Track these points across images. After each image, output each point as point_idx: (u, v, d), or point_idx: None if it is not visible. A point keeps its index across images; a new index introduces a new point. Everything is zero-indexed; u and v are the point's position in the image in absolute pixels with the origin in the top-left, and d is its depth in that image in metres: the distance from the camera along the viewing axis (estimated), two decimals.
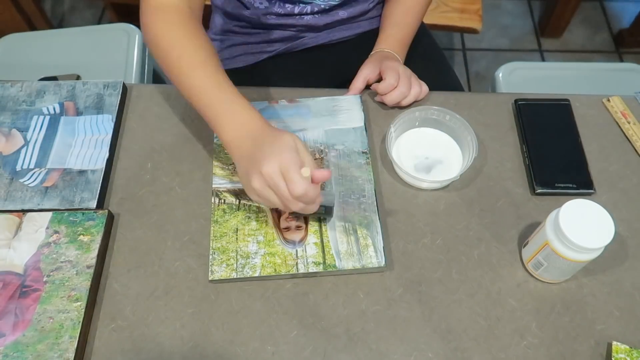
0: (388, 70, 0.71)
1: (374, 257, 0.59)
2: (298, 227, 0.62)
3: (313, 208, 0.55)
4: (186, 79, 0.59)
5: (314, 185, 0.52)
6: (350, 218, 0.62)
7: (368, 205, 0.63)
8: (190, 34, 0.60)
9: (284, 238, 0.61)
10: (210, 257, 0.60)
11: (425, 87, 0.73)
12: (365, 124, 0.70)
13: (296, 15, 0.79)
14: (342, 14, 0.82)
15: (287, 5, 0.77)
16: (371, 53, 0.78)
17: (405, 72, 0.72)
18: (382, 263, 0.59)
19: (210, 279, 0.58)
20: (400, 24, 0.79)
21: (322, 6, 0.78)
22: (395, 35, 0.79)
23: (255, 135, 0.55)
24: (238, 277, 0.58)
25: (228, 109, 0.57)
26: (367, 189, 0.64)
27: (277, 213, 0.63)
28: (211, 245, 0.61)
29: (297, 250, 0.60)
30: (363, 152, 0.67)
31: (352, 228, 0.62)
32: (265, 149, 0.52)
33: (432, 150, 0.69)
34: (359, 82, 0.73)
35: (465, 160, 0.66)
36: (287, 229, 0.62)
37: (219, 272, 0.59)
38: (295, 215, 0.62)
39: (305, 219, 0.62)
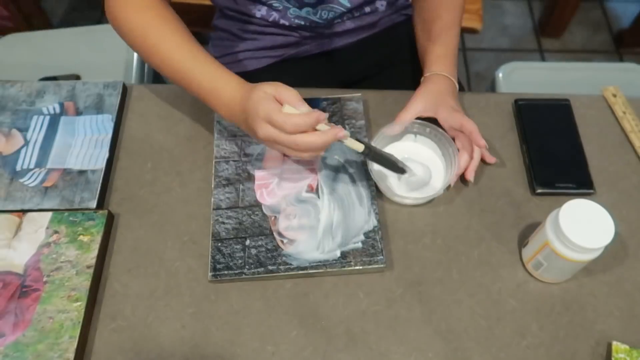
0: (456, 127, 0.65)
1: (374, 257, 0.59)
2: (301, 225, 0.62)
3: (317, 142, 0.54)
4: (168, 64, 0.62)
5: (306, 115, 0.54)
6: (351, 218, 0.62)
7: (368, 205, 0.63)
8: (161, 17, 0.62)
9: (283, 238, 0.61)
10: (210, 256, 0.60)
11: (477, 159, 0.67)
12: (365, 125, 0.70)
13: (296, 27, 0.78)
14: (350, 24, 0.81)
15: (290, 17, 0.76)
16: (425, 76, 0.71)
17: (471, 127, 0.65)
18: (382, 263, 0.59)
19: (210, 279, 0.59)
20: (445, 40, 0.73)
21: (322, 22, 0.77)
22: (445, 54, 0.72)
23: (242, 107, 0.58)
24: (238, 277, 0.59)
25: (214, 89, 0.60)
26: (365, 192, 0.64)
27: (274, 217, 0.63)
28: (211, 244, 0.61)
29: (297, 250, 0.60)
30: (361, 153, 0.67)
31: (352, 228, 0.62)
32: (249, 118, 0.56)
33: (414, 164, 0.65)
34: (408, 116, 0.66)
35: (449, 173, 0.64)
36: (289, 227, 0.62)
37: (219, 271, 0.59)
38: (297, 213, 0.62)
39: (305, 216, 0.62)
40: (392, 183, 0.66)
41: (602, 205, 0.53)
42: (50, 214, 0.62)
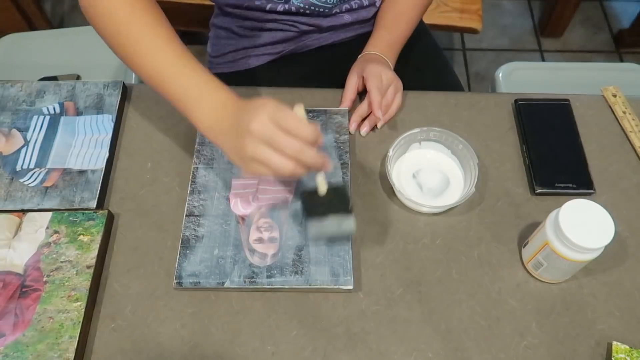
0: (371, 79, 0.69)
1: (342, 277, 0.58)
2: (272, 239, 0.60)
3: (313, 156, 0.48)
4: (147, 63, 0.55)
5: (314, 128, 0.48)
6: (325, 233, 0.58)
7: (344, 221, 0.59)
8: (147, 11, 0.56)
9: (253, 250, 0.60)
10: (177, 263, 0.59)
11: (396, 104, 0.71)
12: (349, 140, 0.69)
13: (296, 14, 0.78)
14: (347, 18, 0.81)
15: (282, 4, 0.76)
16: (359, 56, 0.77)
17: (387, 81, 0.70)
18: (350, 284, 0.58)
19: (174, 286, 0.58)
20: (391, 27, 0.78)
21: (321, 10, 0.78)
22: (385, 37, 0.77)
23: (234, 111, 0.51)
24: (200, 287, 0.58)
25: (204, 92, 0.53)
26: (343, 206, 0.59)
27: (246, 228, 0.61)
28: (179, 251, 0.60)
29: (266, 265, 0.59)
30: (342, 164, 0.66)
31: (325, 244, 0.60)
32: (246, 113, 0.49)
33: (432, 172, 0.66)
34: (349, 93, 0.72)
35: (467, 183, 0.65)
36: (259, 240, 0.60)
37: (182, 279, 0.59)
38: (270, 226, 0.61)
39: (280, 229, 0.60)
40: (408, 190, 0.65)
41: (602, 205, 0.53)
42: (50, 214, 0.62)
